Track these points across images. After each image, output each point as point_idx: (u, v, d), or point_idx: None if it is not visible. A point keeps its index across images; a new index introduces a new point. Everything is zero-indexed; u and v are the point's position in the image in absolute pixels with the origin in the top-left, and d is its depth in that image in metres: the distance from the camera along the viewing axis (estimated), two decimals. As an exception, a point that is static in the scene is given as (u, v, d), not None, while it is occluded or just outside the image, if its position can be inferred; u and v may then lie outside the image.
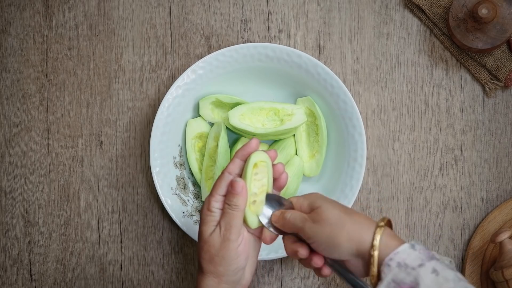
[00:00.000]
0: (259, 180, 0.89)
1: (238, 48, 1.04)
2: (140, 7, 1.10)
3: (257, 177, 0.89)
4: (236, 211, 0.86)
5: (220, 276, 0.86)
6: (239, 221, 0.86)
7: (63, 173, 1.10)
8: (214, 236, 0.86)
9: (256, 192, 0.89)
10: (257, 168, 0.89)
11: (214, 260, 0.86)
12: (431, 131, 1.09)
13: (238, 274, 0.87)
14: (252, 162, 0.88)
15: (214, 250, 0.86)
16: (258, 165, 0.89)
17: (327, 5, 1.10)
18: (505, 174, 1.09)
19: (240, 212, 0.86)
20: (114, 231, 1.10)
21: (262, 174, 0.89)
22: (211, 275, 0.86)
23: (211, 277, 0.86)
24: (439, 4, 1.08)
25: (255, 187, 0.89)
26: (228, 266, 0.86)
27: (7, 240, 1.10)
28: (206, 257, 0.86)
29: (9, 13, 1.11)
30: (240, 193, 0.86)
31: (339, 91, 1.04)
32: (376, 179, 1.09)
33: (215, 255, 0.86)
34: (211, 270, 0.86)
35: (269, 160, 0.90)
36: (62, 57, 1.11)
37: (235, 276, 0.86)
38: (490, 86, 1.08)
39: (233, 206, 0.86)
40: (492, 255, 1.07)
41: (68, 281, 1.10)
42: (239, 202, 0.86)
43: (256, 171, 0.89)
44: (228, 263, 0.85)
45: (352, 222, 0.82)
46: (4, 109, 1.11)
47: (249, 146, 0.89)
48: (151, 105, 1.10)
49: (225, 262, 0.85)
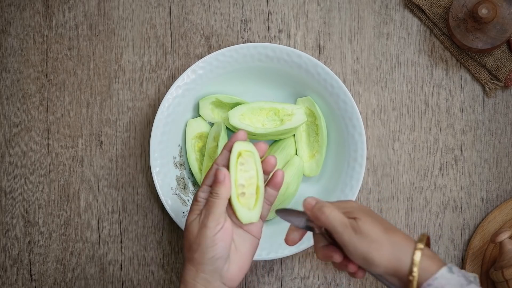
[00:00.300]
0: (246, 171, 0.88)
1: (238, 48, 1.04)
2: (140, 7, 1.10)
3: (243, 167, 0.88)
4: (216, 199, 0.86)
5: (197, 265, 0.85)
6: (218, 209, 0.86)
7: (63, 173, 1.10)
8: (194, 223, 0.86)
9: (244, 183, 0.88)
10: (242, 158, 0.88)
11: (192, 247, 0.86)
12: (431, 131, 1.09)
13: (216, 263, 0.85)
14: (235, 151, 0.87)
15: (192, 236, 0.86)
16: (242, 155, 0.88)
17: (327, 5, 1.10)
18: (505, 174, 1.09)
19: (220, 200, 0.86)
20: (114, 231, 1.10)
21: (248, 165, 0.88)
22: (190, 263, 0.86)
23: (190, 266, 0.86)
24: (439, 4, 1.08)
25: (242, 178, 0.88)
26: (203, 254, 0.85)
27: (7, 240, 1.10)
28: (186, 244, 0.87)
29: (9, 13, 1.11)
30: (222, 181, 0.86)
31: (339, 91, 1.04)
32: (376, 179, 1.09)
33: (193, 242, 0.86)
34: (189, 258, 0.86)
35: (255, 150, 0.89)
36: (62, 57, 1.11)
37: (212, 266, 0.85)
38: (490, 86, 1.08)
39: (214, 194, 0.86)
40: (492, 255, 1.07)
41: (68, 281, 1.10)
42: (220, 191, 0.86)
43: (241, 161, 0.88)
44: (203, 250, 0.85)
45: (391, 244, 0.81)
46: (4, 109, 1.11)
47: (235, 137, 0.89)
48: (151, 105, 1.10)
49: (201, 249, 0.85)
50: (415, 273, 0.79)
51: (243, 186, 0.88)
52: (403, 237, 0.82)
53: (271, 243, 1.04)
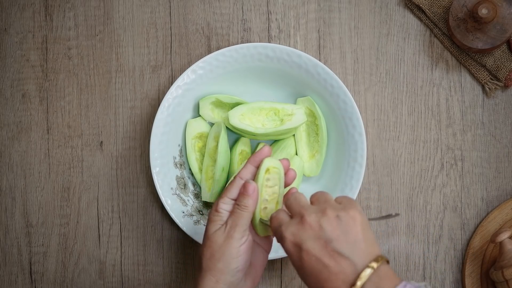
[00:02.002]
0: (270, 187, 0.90)
1: (238, 48, 1.04)
2: (140, 7, 1.10)
3: (268, 183, 0.90)
4: (244, 211, 0.87)
5: (218, 275, 0.86)
6: (245, 221, 0.87)
7: (63, 173, 1.10)
8: (218, 233, 0.87)
9: (267, 199, 0.90)
10: (269, 174, 0.90)
11: (215, 256, 0.86)
12: (431, 131, 1.09)
13: (237, 275, 0.87)
14: (264, 167, 0.89)
15: (216, 246, 0.86)
16: (270, 171, 0.90)
17: (327, 5, 1.10)
18: (505, 174, 1.09)
19: (248, 213, 0.87)
20: (114, 231, 1.10)
21: (273, 181, 0.90)
22: (210, 273, 0.86)
23: (210, 276, 0.86)
24: (439, 4, 1.08)
25: (267, 193, 0.90)
26: (227, 263, 0.86)
27: (7, 240, 1.10)
28: (207, 254, 0.87)
29: (9, 13, 1.11)
30: (251, 194, 0.87)
31: (339, 91, 1.04)
32: (376, 179, 1.09)
33: (216, 251, 0.86)
34: (210, 267, 0.86)
35: (282, 168, 0.91)
36: (62, 57, 1.11)
37: (233, 277, 0.86)
38: (490, 86, 1.08)
39: (242, 207, 0.87)
40: (492, 255, 1.07)
41: (68, 281, 1.10)
42: (249, 203, 0.87)
43: (268, 177, 0.89)
44: (228, 260, 0.86)
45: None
46: (4, 109, 1.11)
47: (261, 153, 0.90)
48: (151, 105, 1.10)
49: (225, 258, 0.86)
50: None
51: (267, 201, 0.90)
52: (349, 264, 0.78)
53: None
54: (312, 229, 0.79)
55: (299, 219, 0.81)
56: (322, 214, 0.80)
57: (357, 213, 0.80)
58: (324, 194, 0.84)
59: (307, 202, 0.84)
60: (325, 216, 0.80)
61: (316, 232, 0.79)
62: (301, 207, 0.82)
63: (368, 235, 0.80)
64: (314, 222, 0.80)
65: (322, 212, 0.80)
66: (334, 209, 0.81)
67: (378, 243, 0.82)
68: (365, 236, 0.79)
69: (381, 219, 0.84)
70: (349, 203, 0.82)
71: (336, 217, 0.80)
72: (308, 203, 0.83)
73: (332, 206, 0.81)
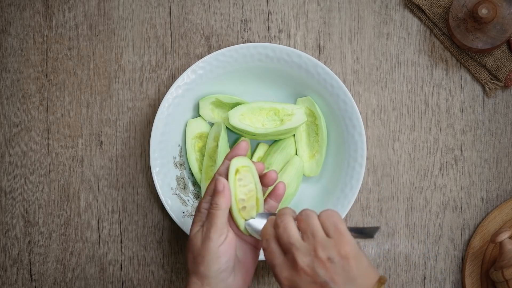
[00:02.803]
0: (244, 185, 0.89)
1: (238, 48, 1.04)
2: (140, 7, 1.10)
3: (241, 183, 0.89)
4: (217, 210, 0.85)
5: (202, 278, 0.85)
6: (219, 220, 0.85)
7: (63, 173, 1.10)
8: (197, 235, 0.86)
9: (244, 198, 0.89)
10: (240, 173, 0.89)
11: (197, 259, 0.85)
12: (431, 131, 1.09)
13: (221, 276, 0.85)
14: (233, 168, 0.88)
15: (196, 248, 0.85)
16: (240, 171, 0.89)
17: (327, 5, 1.10)
18: (505, 174, 1.09)
19: (221, 212, 0.85)
20: (114, 231, 1.10)
21: (247, 180, 0.89)
22: (195, 277, 0.85)
23: (195, 279, 0.85)
24: (439, 4, 1.08)
25: (241, 193, 0.89)
26: (208, 266, 0.84)
27: (7, 240, 1.10)
28: (190, 257, 0.86)
29: (9, 13, 1.11)
30: (221, 192, 0.86)
31: (339, 91, 1.04)
32: (376, 179, 1.09)
33: (197, 254, 0.85)
34: (194, 270, 0.86)
35: (252, 165, 0.90)
36: (62, 57, 1.11)
37: (217, 278, 0.85)
38: (490, 86, 1.08)
39: (214, 205, 0.86)
40: (492, 255, 1.07)
41: (68, 281, 1.10)
42: (220, 201, 0.85)
43: (240, 176, 0.89)
44: (208, 263, 0.84)
45: None
46: (4, 109, 1.11)
47: (238, 148, 0.89)
48: (151, 105, 1.10)
49: (206, 261, 0.84)
50: None
51: (244, 200, 0.89)
52: None
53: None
54: (307, 274, 0.79)
55: (292, 262, 0.81)
56: (314, 256, 0.80)
57: (348, 249, 0.79)
58: (310, 220, 0.82)
59: (296, 233, 0.82)
60: (317, 259, 0.80)
61: (311, 277, 0.79)
62: (291, 244, 0.81)
63: (362, 267, 0.80)
64: (307, 268, 0.80)
65: (313, 252, 0.80)
66: (324, 248, 0.80)
67: (373, 265, 0.82)
68: (360, 271, 0.79)
69: (361, 236, 0.83)
70: (338, 234, 0.80)
71: (328, 260, 0.79)
72: (297, 237, 0.82)
73: (322, 244, 0.80)
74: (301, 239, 0.81)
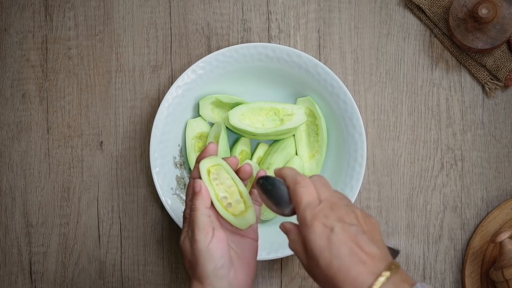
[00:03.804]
0: (221, 183, 0.88)
1: (238, 48, 1.04)
2: (140, 7, 1.10)
3: (217, 182, 0.88)
4: (195, 211, 0.85)
5: (202, 279, 0.85)
6: (200, 220, 0.85)
7: (63, 173, 1.10)
8: (185, 241, 0.86)
9: (226, 195, 0.88)
10: (213, 174, 0.88)
11: (191, 264, 0.85)
12: (431, 131, 1.09)
13: (220, 273, 0.84)
14: (202, 170, 0.87)
15: (188, 254, 0.86)
16: (211, 171, 0.88)
17: (327, 5, 1.10)
18: (505, 174, 1.09)
19: (199, 211, 0.85)
20: (114, 231, 1.10)
21: (222, 177, 0.89)
22: (195, 280, 0.85)
23: (196, 283, 0.85)
24: (439, 4, 1.08)
25: (221, 191, 0.88)
26: (203, 267, 0.84)
27: (7, 240, 1.10)
28: (186, 264, 0.87)
29: (9, 13, 1.11)
30: (198, 192, 0.86)
31: (339, 91, 1.04)
32: (376, 179, 1.09)
33: (190, 259, 0.85)
34: (193, 275, 0.86)
35: (222, 161, 0.89)
36: (62, 57, 1.11)
37: (216, 276, 0.84)
38: (490, 86, 1.08)
39: (192, 207, 0.86)
40: (492, 255, 1.07)
41: (68, 281, 1.10)
42: (197, 202, 0.85)
43: (213, 176, 0.88)
44: (203, 264, 0.84)
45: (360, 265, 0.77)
46: (4, 109, 1.11)
47: (205, 151, 0.89)
48: (151, 105, 1.10)
49: (199, 263, 0.84)
50: None
51: (226, 198, 0.88)
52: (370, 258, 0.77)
53: (271, 243, 1.04)
54: (346, 217, 0.78)
55: (331, 205, 0.79)
56: (352, 210, 0.79)
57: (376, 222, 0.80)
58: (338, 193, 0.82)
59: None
60: (356, 211, 0.79)
61: (349, 221, 0.78)
62: (331, 196, 0.80)
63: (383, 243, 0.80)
64: (347, 213, 0.78)
65: (352, 207, 0.80)
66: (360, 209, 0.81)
67: None
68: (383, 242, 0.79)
69: None
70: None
71: (366, 217, 0.79)
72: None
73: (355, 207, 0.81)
74: None
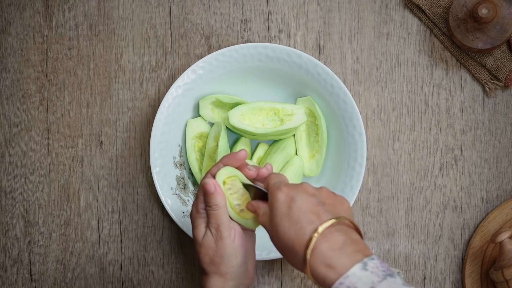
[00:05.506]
0: (235, 192, 0.90)
1: (238, 48, 1.04)
2: (140, 7, 1.10)
3: (231, 191, 0.90)
4: (217, 210, 0.87)
5: (224, 275, 0.87)
6: (224, 217, 0.87)
7: (63, 173, 1.10)
8: (207, 238, 0.87)
9: (239, 203, 0.90)
10: (227, 184, 0.90)
11: (214, 260, 0.87)
12: (431, 131, 1.09)
13: (242, 268, 0.88)
14: (219, 181, 0.89)
15: (212, 251, 0.87)
16: (227, 182, 0.90)
17: (327, 5, 1.10)
18: (505, 174, 1.09)
19: (221, 209, 0.87)
20: (114, 231, 1.10)
21: (235, 187, 0.90)
22: (215, 275, 0.87)
23: (216, 277, 0.87)
24: (439, 4, 1.08)
25: (234, 199, 0.90)
26: (229, 263, 0.87)
27: (7, 240, 1.10)
28: (206, 260, 0.87)
29: (9, 13, 1.11)
30: (214, 192, 0.87)
31: (339, 91, 1.04)
32: (376, 179, 1.09)
33: (214, 255, 0.87)
34: (214, 271, 0.87)
35: (237, 171, 0.90)
36: (62, 57, 1.11)
37: (238, 271, 0.87)
38: (490, 86, 1.08)
39: (214, 206, 0.87)
40: (492, 255, 1.07)
41: (68, 281, 1.10)
42: (218, 200, 0.87)
43: (228, 186, 0.90)
44: (228, 261, 0.87)
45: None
46: (4, 109, 1.11)
47: (234, 158, 0.90)
48: (151, 105, 1.10)
49: (225, 260, 0.86)
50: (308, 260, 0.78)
51: (239, 205, 0.90)
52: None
53: (271, 243, 1.04)
54: (309, 191, 0.83)
55: (298, 184, 0.85)
56: (319, 188, 0.85)
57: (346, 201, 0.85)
58: None
59: None
60: (323, 189, 0.85)
61: (311, 194, 0.83)
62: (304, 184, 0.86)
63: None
64: (311, 189, 0.84)
65: (319, 187, 0.86)
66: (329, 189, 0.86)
67: None
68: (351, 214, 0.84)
69: None
70: None
71: (332, 193, 0.85)
72: None
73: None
74: None
